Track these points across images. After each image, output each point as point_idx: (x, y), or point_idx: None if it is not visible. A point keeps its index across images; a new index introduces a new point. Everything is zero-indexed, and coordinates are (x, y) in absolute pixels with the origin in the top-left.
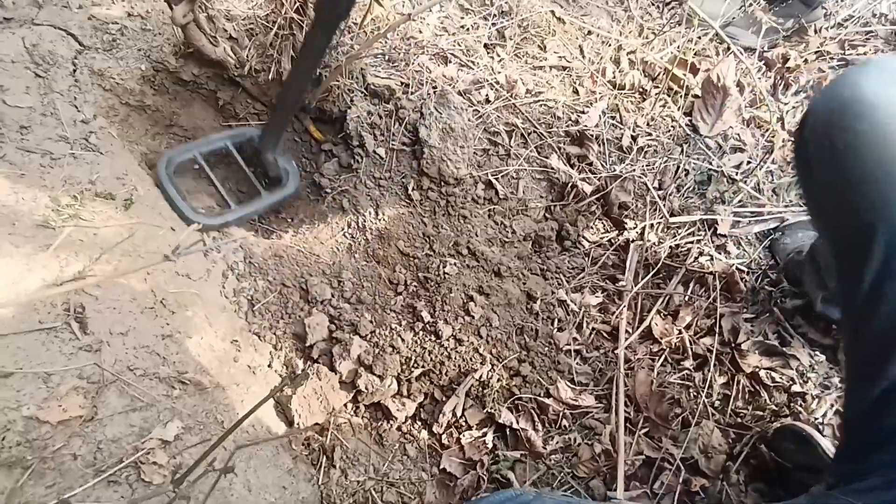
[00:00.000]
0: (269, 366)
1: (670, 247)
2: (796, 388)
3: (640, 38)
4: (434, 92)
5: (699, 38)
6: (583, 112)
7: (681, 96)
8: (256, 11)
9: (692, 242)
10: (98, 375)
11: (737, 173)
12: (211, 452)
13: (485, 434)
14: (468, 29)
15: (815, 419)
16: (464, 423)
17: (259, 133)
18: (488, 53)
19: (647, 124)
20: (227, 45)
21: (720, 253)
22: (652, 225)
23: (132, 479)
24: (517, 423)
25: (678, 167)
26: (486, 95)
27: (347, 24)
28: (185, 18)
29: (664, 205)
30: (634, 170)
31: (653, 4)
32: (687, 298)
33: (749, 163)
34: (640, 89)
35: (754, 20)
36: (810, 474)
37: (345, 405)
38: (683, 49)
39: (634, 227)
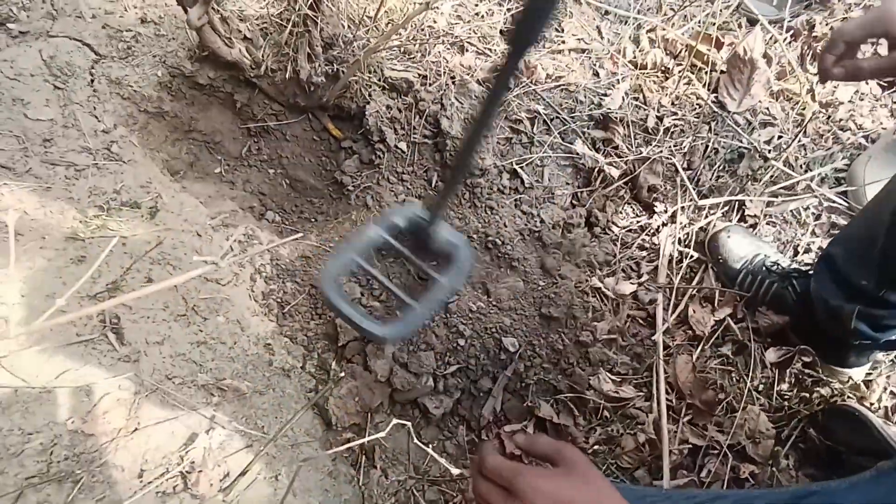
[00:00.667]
0: (303, 367)
1: (701, 228)
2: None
3: (660, 15)
4: (453, 82)
5: (721, 11)
6: (605, 95)
7: (705, 73)
8: (269, 10)
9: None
10: (138, 386)
11: (768, 149)
12: (256, 460)
13: (525, 428)
14: (483, 16)
15: (870, 404)
16: (503, 418)
17: (416, 212)
18: (505, 40)
19: (672, 104)
20: (241, 45)
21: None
22: (683, 208)
23: (179, 489)
24: (557, 417)
25: (707, 146)
26: (487, 85)
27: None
28: (201, 21)
29: (694, 187)
30: (662, 151)
31: None
32: (722, 283)
33: (780, 137)
34: (663, 68)
35: None
36: (865, 457)
37: (381, 404)
38: (705, 24)
39: (665, 211)
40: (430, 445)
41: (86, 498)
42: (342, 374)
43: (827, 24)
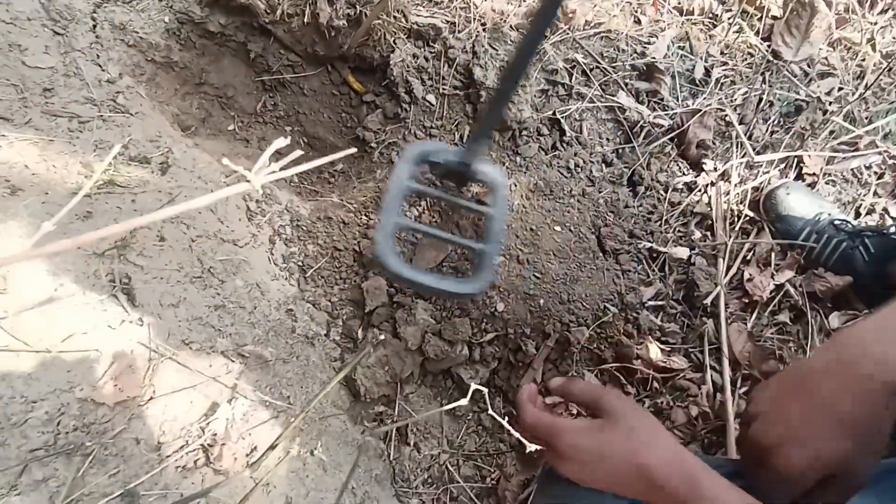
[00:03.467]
0: (327, 335)
1: (755, 188)
2: None
3: None
4: (483, 28)
5: None
6: (648, 43)
7: (758, 19)
8: None
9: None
10: (152, 351)
11: (829, 101)
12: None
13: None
14: None
15: None
16: (544, 389)
17: (441, 149)
18: None
19: (722, 53)
20: None
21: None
22: (735, 165)
23: (201, 464)
24: None
25: (761, 98)
26: (527, 20)
27: None
28: None
29: (748, 142)
30: (711, 104)
31: None
32: (779, 246)
33: (841, 89)
34: (710, 14)
35: None
36: None
37: (412, 374)
38: None
39: (714, 169)
40: (465, 418)
41: (98, 472)
42: (381, 337)
43: None
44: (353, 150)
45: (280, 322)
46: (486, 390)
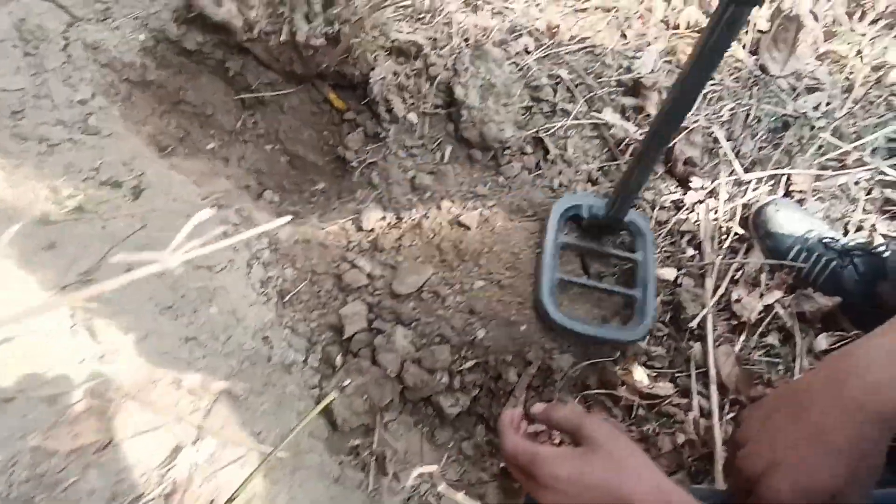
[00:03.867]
0: (305, 362)
1: (744, 205)
2: None
3: None
4: (466, 45)
5: None
6: (635, 58)
7: (745, 33)
8: None
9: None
10: (114, 391)
11: (816, 117)
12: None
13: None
14: None
15: None
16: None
17: (591, 202)
18: None
19: None
20: (231, 4)
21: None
22: (724, 183)
23: None
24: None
25: (748, 114)
26: (525, 45)
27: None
28: None
29: (735, 159)
30: (699, 120)
31: None
32: (769, 265)
33: (828, 103)
34: (697, 28)
35: None
36: None
37: (391, 401)
38: None
39: (702, 187)
40: (447, 446)
41: None
42: (346, 382)
43: None
44: (288, 219)
45: (256, 351)
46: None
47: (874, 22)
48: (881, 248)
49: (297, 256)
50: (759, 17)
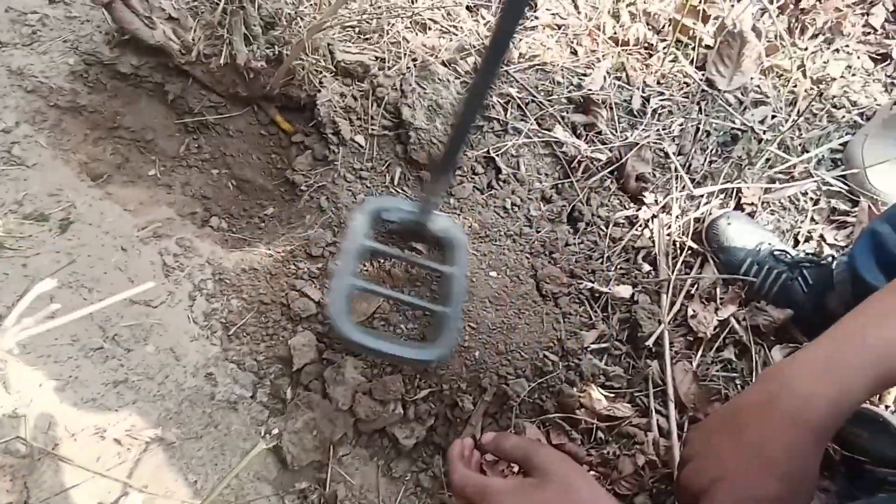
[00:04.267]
0: (253, 397)
1: (696, 219)
2: None
3: None
4: (414, 65)
5: None
6: (584, 75)
7: (692, 48)
8: None
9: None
10: (28, 449)
11: (763, 130)
12: None
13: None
14: None
15: (885, 406)
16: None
17: (398, 205)
18: (472, 16)
19: (658, 83)
20: (166, 27)
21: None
22: (675, 198)
23: None
24: (548, 437)
25: (698, 128)
26: (475, 64)
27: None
28: None
29: (686, 174)
30: (649, 135)
31: None
32: (723, 279)
33: (774, 116)
34: (646, 44)
35: None
36: (891, 469)
37: (345, 435)
38: None
39: (655, 202)
40: (404, 479)
41: None
42: (275, 431)
43: None
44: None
45: (197, 390)
46: None
47: (814, 37)
48: (828, 259)
49: (244, 286)
50: (705, 34)
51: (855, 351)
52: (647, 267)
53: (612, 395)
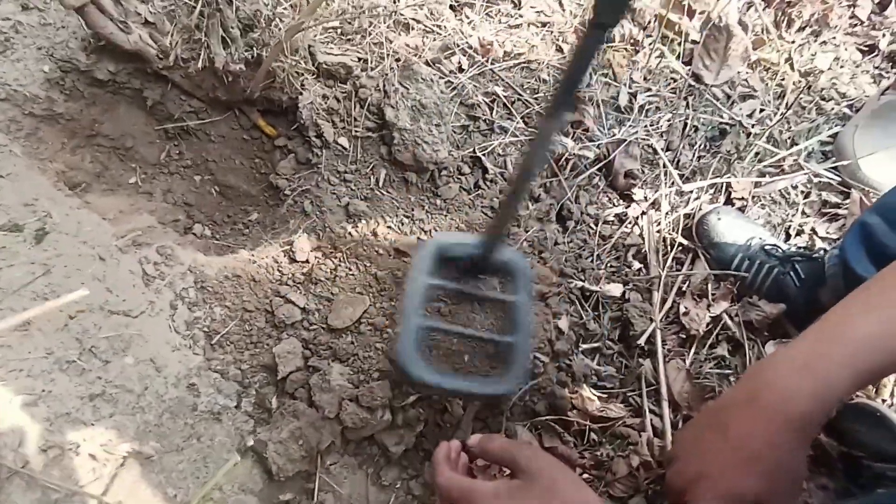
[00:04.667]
0: (237, 407)
1: (686, 215)
2: None
3: None
4: (398, 65)
5: None
6: None
7: (678, 44)
8: None
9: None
10: None
11: (751, 124)
12: None
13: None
14: None
15: (882, 400)
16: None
17: (463, 241)
18: (456, 15)
19: (645, 79)
20: (143, 31)
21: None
22: (666, 194)
23: None
24: (540, 440)
25: (686, 124)
26: (459, 63)
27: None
28: (79, 0)
29: (675, 170)
30: (637, 132)
31: None
32: (714, 275)
33: (762, 110)
34: (632, 40)
35: None
36: (889, 464)
37: (332, 443)
38: None
39: (644, 199)
40: (394, 487)
41: None
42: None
43: None
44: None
45: (178, 401)
46: None
47: (801, 30)
48: (820, 252)
49: (227, 293)
50: (692, 28)
51: (836, 345)
52: (637, 264)
53: (605, 395)
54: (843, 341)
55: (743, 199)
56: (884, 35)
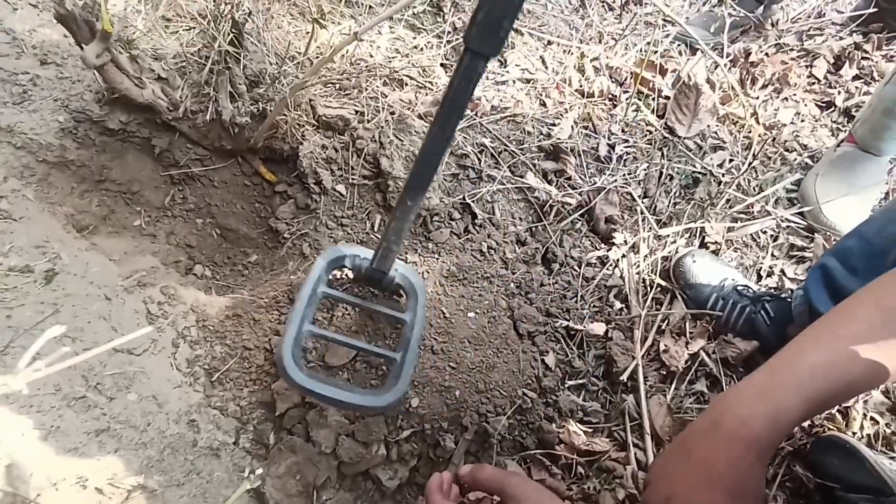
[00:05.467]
0: (236, 443)
1: (664, 257)
2: None
3: (602, 44)
4: (392, 118)
5: (662, 39)
6: (553, 124)
7: (652, 99)
8: (187, 49)
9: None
10: (10, 497)
11: (722, 173)
12: None
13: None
14: (422, 49)
15: (853, 433)
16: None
17: (355, 253)
18: (446, 72)
19: (623, 131)
20: (155, 86)
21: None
22: (644, 238)
23: None
24: (529, 473)
25: (661, 172)
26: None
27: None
28: (100, 59)
29: (651, 215)
30: (616, 180)
31: (608, 9)
32: (691, 314)
33: (731, 160)
34: (610, 95)
35: (711, 17)
36: (861, 494)
37: (328, 479)
38: (647, 51)
39: (624, 242)
40: None
41: None
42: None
43: (762, 50)
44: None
45: (179, 437)
46: None
47: (764, 87)
48: (788, 293)
49: (227, 332)
50: (664, 85)
51: (787, 375)
52: (619, 304)
53: (591, 429)
54: (793, 371)
55: (717, 242)
56: (839, 92)
